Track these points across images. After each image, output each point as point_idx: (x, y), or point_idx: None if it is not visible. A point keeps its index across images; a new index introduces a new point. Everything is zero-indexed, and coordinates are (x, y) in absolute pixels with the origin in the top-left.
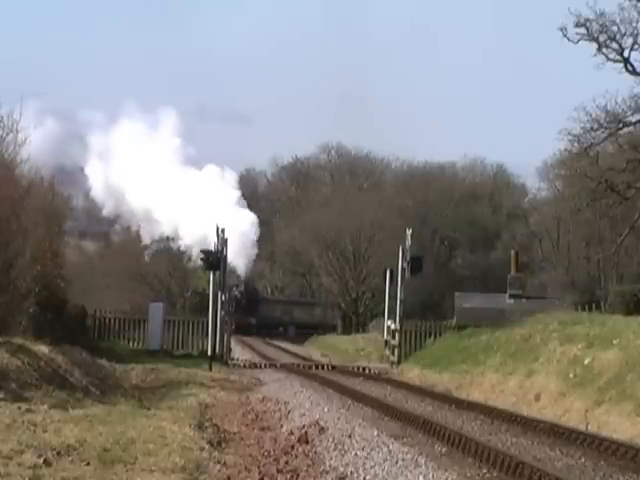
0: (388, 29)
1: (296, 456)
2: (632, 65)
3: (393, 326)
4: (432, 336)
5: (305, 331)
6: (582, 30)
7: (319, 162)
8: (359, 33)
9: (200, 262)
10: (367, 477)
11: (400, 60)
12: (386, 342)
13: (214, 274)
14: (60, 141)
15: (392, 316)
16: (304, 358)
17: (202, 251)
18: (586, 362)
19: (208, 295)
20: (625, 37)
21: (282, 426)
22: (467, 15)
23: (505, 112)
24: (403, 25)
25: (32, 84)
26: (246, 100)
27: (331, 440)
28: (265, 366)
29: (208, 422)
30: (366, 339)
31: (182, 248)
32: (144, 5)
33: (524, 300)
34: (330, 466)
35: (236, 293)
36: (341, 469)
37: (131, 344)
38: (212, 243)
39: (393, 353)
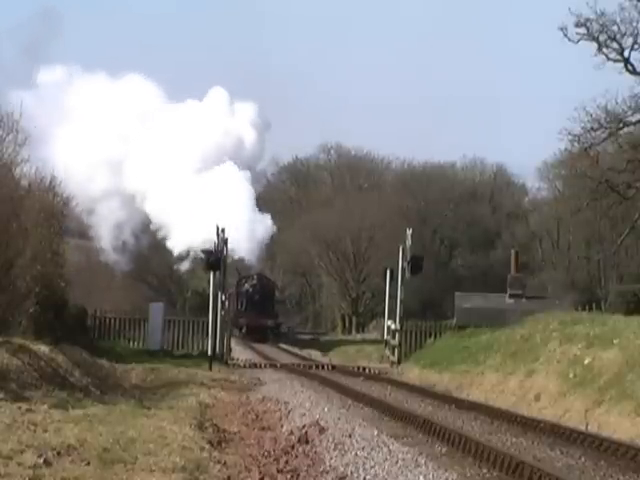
0: (382, 28)
1: (296, 456)
2: (632, 65)
3: (393, 326)
4: (432, 336)
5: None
6: (582, 30)
7: (319, 162)
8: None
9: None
10: (367, 477)
11: (398, 60)
12: (386, 342)
13: (214, 274)
14: None
15: (392, 316)
16: (304, 358)
17: (202, 251)
18: (586, 362)
19: (208, 295)
20: (625, 37)
21: (282, 426)
22: (465, 14)
23: (505, 112)
24: (403, 24)
25: None
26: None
27: (331, 440)
28: (265, 366)
29: (208, 422)
30: (366, 339)
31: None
32: None
33: (524, 300)
34: (330, 466)
35: (247, 287)
36: (341, 469)
37: (131, 344)
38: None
39: (393, 353)
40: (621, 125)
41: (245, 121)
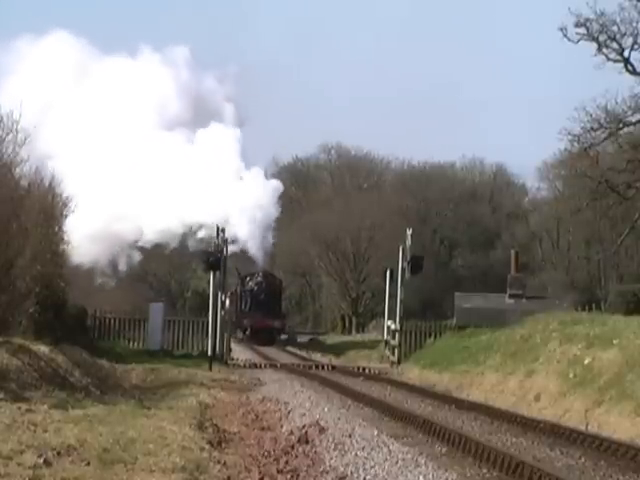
0: (387, 29)
1: (296, 456)
2: (632, 65)
3: (393, 326)
4: (432, 336)
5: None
6: (582, 30)
7: (319, 162)
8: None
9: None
10: (367, 477)
11: (398, 60)
12: (386, 342)
13: (214, 274)
14: None
15: (392, 316)
16: (304, 358)
17: (202, 252)
18: (586, 362)
19: (208, 295)
20: (625, 37)
21: (282, 426)
22: (465, 14)
23: (505, 112)
24: (404, 23)
25: None
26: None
27: (331, 440)
28: (265, 366)
29: (208, 422)
30: (366, 339)
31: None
32: None
33: (524, 300)
34: (330, 466)
35: (251, 286)
36: (341, 469)
37: (131, 344)
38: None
39: (393, 353)
40: (621, 125)
41: (215, 91)
